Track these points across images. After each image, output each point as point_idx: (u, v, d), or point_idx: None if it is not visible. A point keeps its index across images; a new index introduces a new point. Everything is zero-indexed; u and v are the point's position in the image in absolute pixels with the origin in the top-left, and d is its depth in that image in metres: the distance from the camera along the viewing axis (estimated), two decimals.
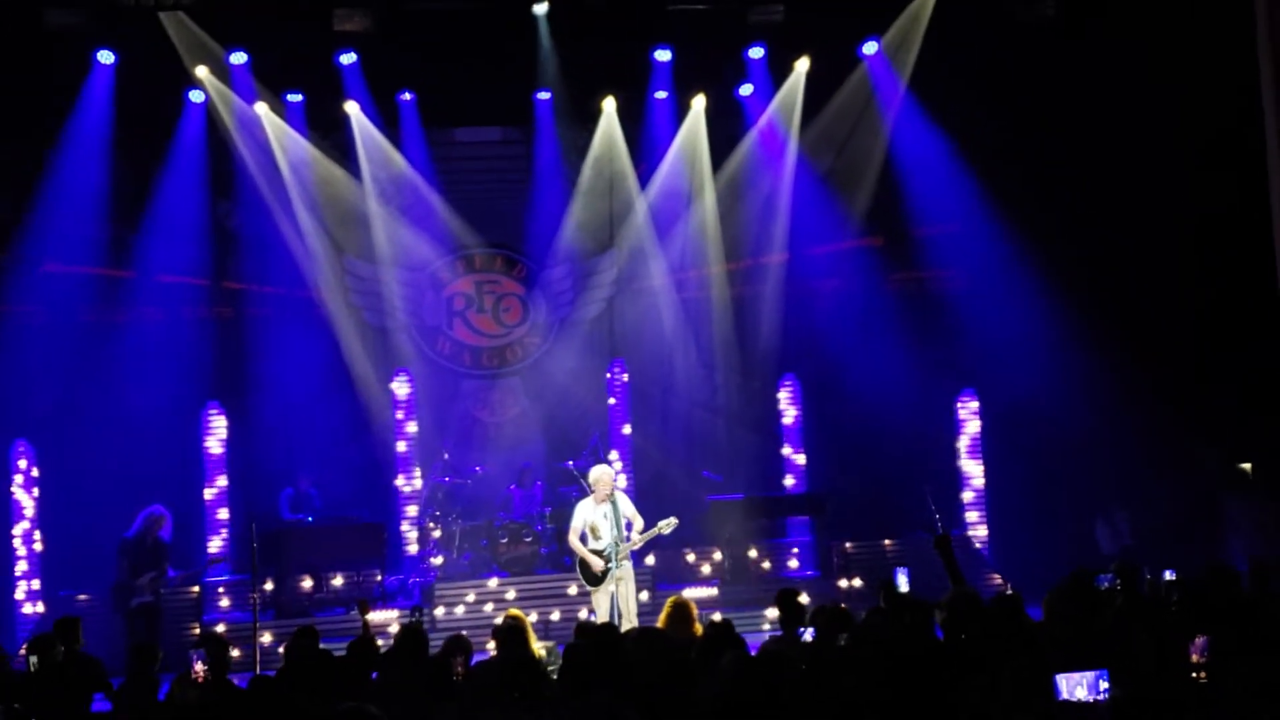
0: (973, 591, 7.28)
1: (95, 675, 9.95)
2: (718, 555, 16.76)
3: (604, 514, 12.69)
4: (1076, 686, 5.43)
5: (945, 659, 6.10)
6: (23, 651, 11.48)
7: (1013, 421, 17.50)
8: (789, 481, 18.36)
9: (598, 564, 12.57)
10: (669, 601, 9.84)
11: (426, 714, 7.21)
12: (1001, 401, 17.70)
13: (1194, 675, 6.75)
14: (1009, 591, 9.41)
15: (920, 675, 6.02)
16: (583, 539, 12.73)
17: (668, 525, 12.77)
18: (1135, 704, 4.50)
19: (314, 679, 7.76)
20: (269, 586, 15.55)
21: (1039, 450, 17.21)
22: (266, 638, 14.24)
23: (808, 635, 8.93)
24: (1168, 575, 9.85)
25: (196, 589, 15.81)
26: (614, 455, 17.71)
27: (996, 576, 16.45)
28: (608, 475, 12.95)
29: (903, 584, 10.30)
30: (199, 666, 8.67)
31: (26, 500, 16.33)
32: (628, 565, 12.70)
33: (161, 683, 9.71)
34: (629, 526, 12.81)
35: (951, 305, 17.71)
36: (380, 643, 9.81)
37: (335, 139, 17.47)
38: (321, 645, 9.01)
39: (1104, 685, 5.44)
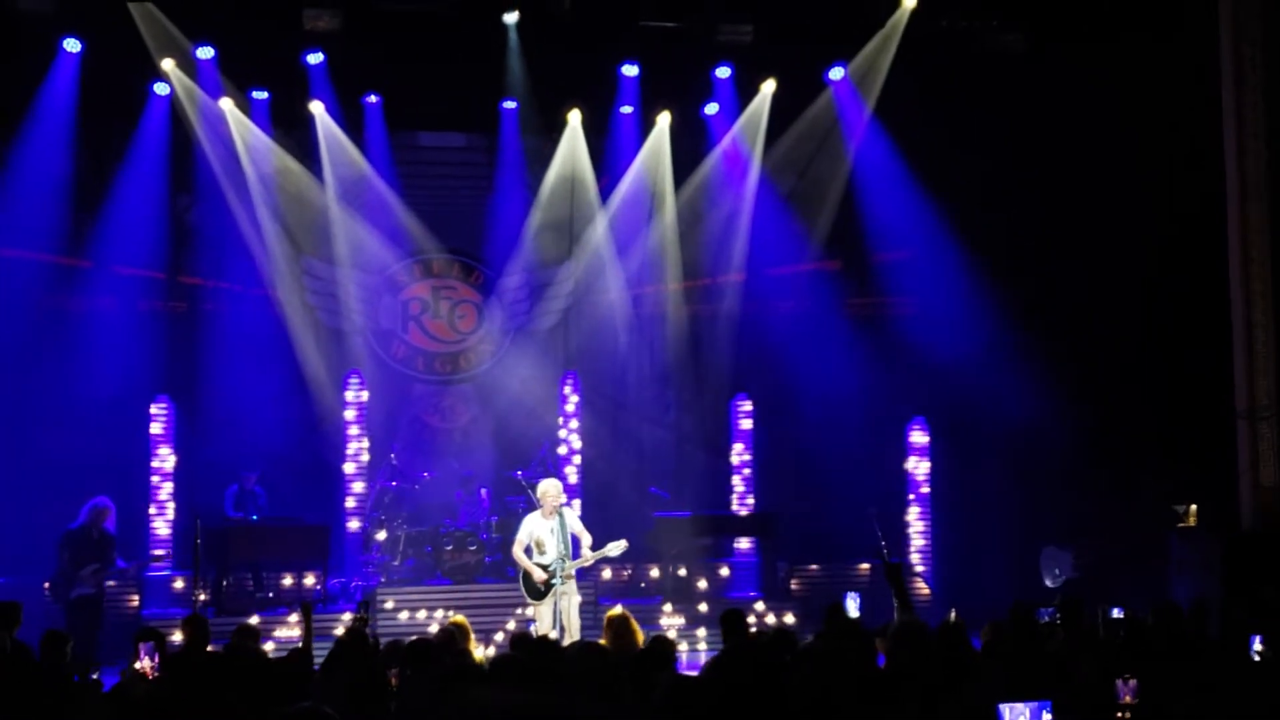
0: (919, 621, 7.32)
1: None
2: (660, 572, 16.75)
3: (550, 529, 12.65)
4: (1019, 716, 5.47)
5: (885, 686, 6.14)
6: None
7: (962, 450, 17.62)
8: (738, 501, 18.39)
9: (540, 576, 12.54)
10: (611, 614, 9.83)
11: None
12: (951, 429, 17.82)
13: (1120, 716, 6.81)
14: (953, 619, 9.43)
15: (859, 702, 6.05)
16: (527, 552, 12.69)
17: (616, 548, 12.75)
18: None
19: (253, 679, 7.72)
20: (206, 585, 15.43)
21: (988, 480, 17.33)
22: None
23: None
24: (1115, 613, 9.92)
25: (136, 583, 15.69)
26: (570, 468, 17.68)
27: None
28: (556, 489, 12.93)
29: (852, 609, 10.33)
30: (146, 661, 8.60)
31: None
32: (572, 581, 12.67)
33: (90, 672, 9.60)
34: (576, 542, 12.80)
35: (905, 332, 17.79)
36: (321, 645, 9.75)
37: (298, 138, 17.44)
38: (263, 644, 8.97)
39: (1047, 716, 5.49)
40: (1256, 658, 8.36)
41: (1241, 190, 14.92)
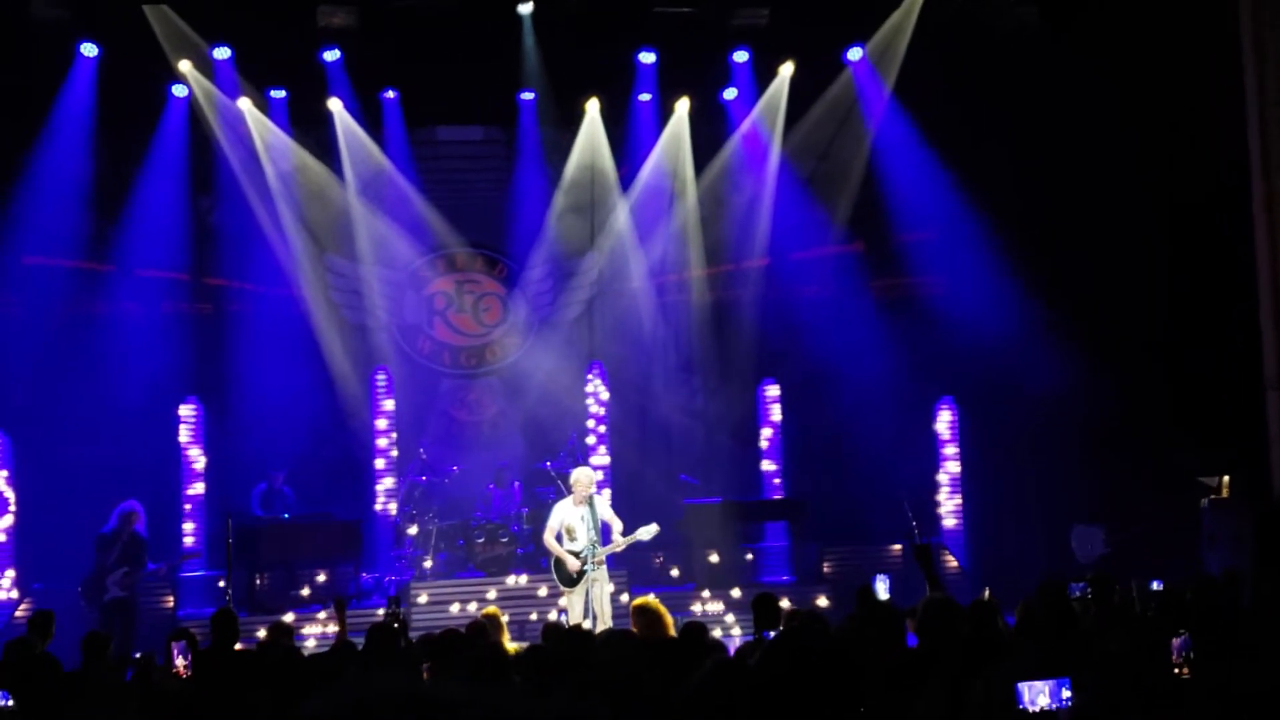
0: (949, 598, 7.27)
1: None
2: (693, 559, 16.75)
3: (581, 516, 12.69)
4: (1039, 694, 5.44)
5: (914, 666, 6.11)
6: None
7: (991, 429, 17.54)
8: (768, 487, 18.36)
9: (574, 564, 12.56)
10: (638, 603, 9.81)
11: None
12: (980, 408, 17.76)
13: (1175, 671, 6.80)
14: (986, 598, 9.39)
15: (889, 681, 6.02)
16: (558, 540, 12.72)
17: (648, 531, 12.78)
18: (1098, 713, 4.53)
19: (285, 675, 7.74)
20: (245, 582, 15.52)
21: (1018, 458, 17.23)
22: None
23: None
24: (1155, 585, 9.86)
25: (170, 584, 15.78)
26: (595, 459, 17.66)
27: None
28: (588, 477, 12.95)
29: (881, 591, 10.28)
30: (180, 661, 8.64)
31: (3, 492, 16.26)
32: (603, 568, 12.70)
33: (123, 672, 9.66)
34: (606, 530, 12.81)
35: (931, 312, 17.71)
36: (356, 640, 9.78)
37: (318, 136, 17.46)
38: (296, 642, 9.00)
39: (1066, 694, 5.46)
40: None
41: (1264, 160, 14.79)
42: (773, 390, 18.53)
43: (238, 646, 9.67)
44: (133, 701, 7.45)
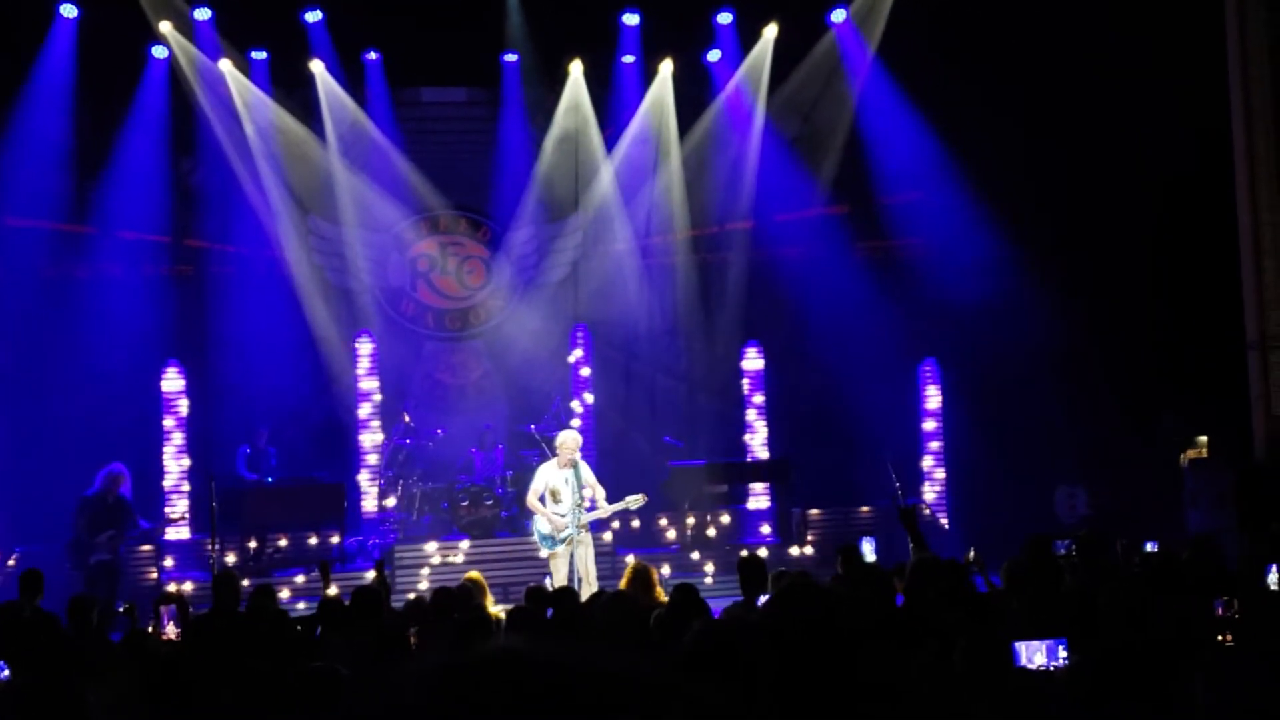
0: (936, 557, 7.31)
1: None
2: (678, 520, 16.79)
3: (565, 479, 12.70)
4: (1035, 653, 5.48)
5: (905, 625, 6.14)
6: None
7: (975, 390, 17.59)
8: (752, 448, 18.40)
9: (559, 523, 12.57)
10: (630, 566, 9.83)
11: (382, 675, 7.20)
12: (964, 370, 17.80)
13: (1220, 638, 6.82)
14: (971, 557, 9.45)
15: (877, 641, 6.04)
16: (542, 501, 12.72)
17: (635, 501, 12.83)
18: (1095, 670, 4.54)
19: (272, 637, 7.75)
20: (216, 547, 15.51)
21: (1001, 420, 17.29)
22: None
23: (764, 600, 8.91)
24: (1149, 546, 9.92)
25: (152, 547, 15.77)
26: (575, 421, 17.63)
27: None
28: (574, 440, 12.96)
29: (868, 553, 10.31)
30: (171, 626, 8.64)
31: None
32: (586, 532, 12.72)
33: (107, 633, 9.66)
34: (592, 494, 12.83)
35: (916, 273, 17.72)
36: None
37: (300, 97, 17.35)
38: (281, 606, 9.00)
39: (1063, 653, 5.49)
40: (1274, 587, 8.37)
41: (1247, 123, 14.83)
42: (756, 352, 18.51)
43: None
44: (122, 664, 7.46)
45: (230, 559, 15.58)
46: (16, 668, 7.53)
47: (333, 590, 10.22)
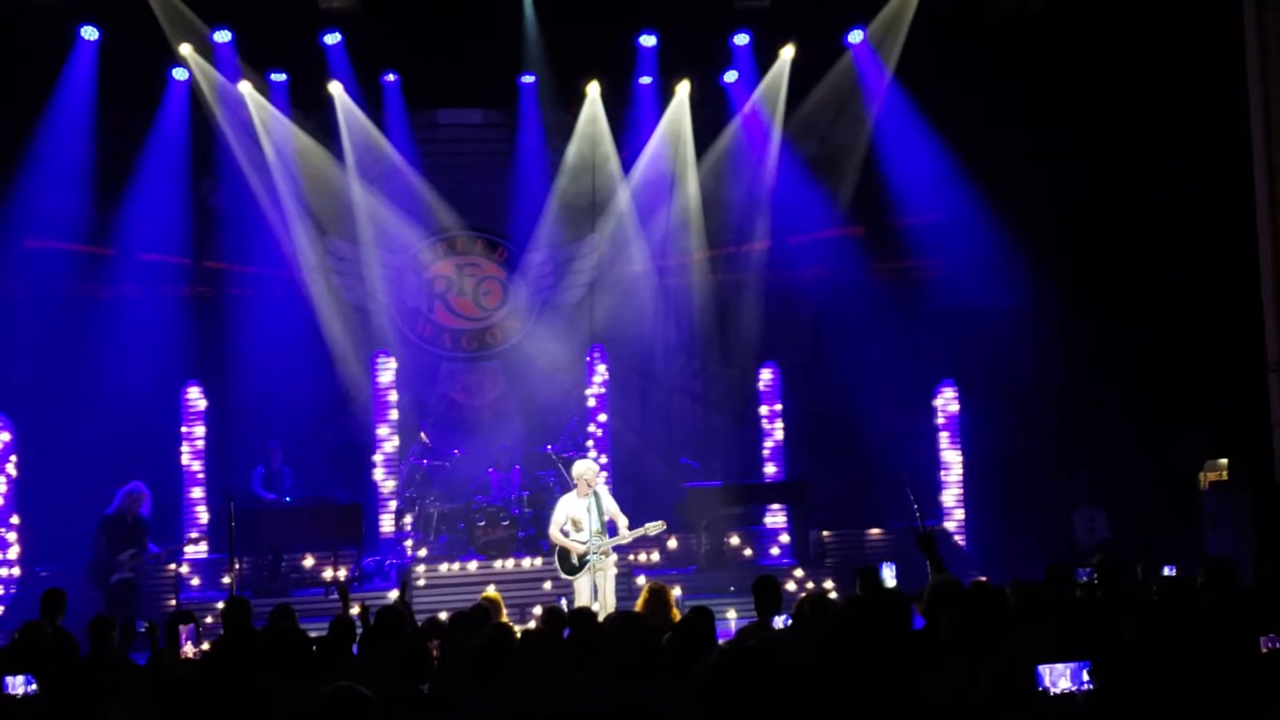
0: (956, 580, 7.30)
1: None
2: (694, 542, 16.78)
3: (586, 507, 12.72)
4: (1060, 677, 5.46)
5: (923, 648, 6.13)
6: None
7: (992, 412, 17.53)
8: (769, 470, 18.37)
9: (579, 549, 12.58)
10: (646, 587, 9.83)
11: (404, 694, 7.20)
12: (981, 392, 17.74)
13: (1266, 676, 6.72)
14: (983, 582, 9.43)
15: (897, 664, 6.03)
16: (564, 534, 12.75)
17: (655, 527, 12.84)
18: (1119, 696, 4.54)
19: (291, 658, 7.75)
20: (244, 565, 15.55)
21: (1018, 442, 17.25)
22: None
23: (779, 622, 8.90)
24: (1167, 570, 9.87)
25: (173, 566, 15.79)
26: (590, 446, 17.61)
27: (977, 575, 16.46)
28: (591, 470, 12.97)
29: (889, 578, 10.26)
30: (189, 646, 8.66)
31: (2, 474, 16.27)
32: (609, 558, 12.73)
33: (127, 652, 9.68)
34: (611, 524, 12.83)
35: (932, 295, 17.73)
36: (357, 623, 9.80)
37: (318, 119, 17.42)
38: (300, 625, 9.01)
39: (1086, 676, 5.47)
40: None
41: (1268, 142, 14.81)
42: (773, 373, 18.49)
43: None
44: (143, 685, 7.46)
45: (247, 578, 15.61)
46: (42, 683, 7.56)
47: (354, 610, 10.24)
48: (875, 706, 3.33)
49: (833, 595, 15.59)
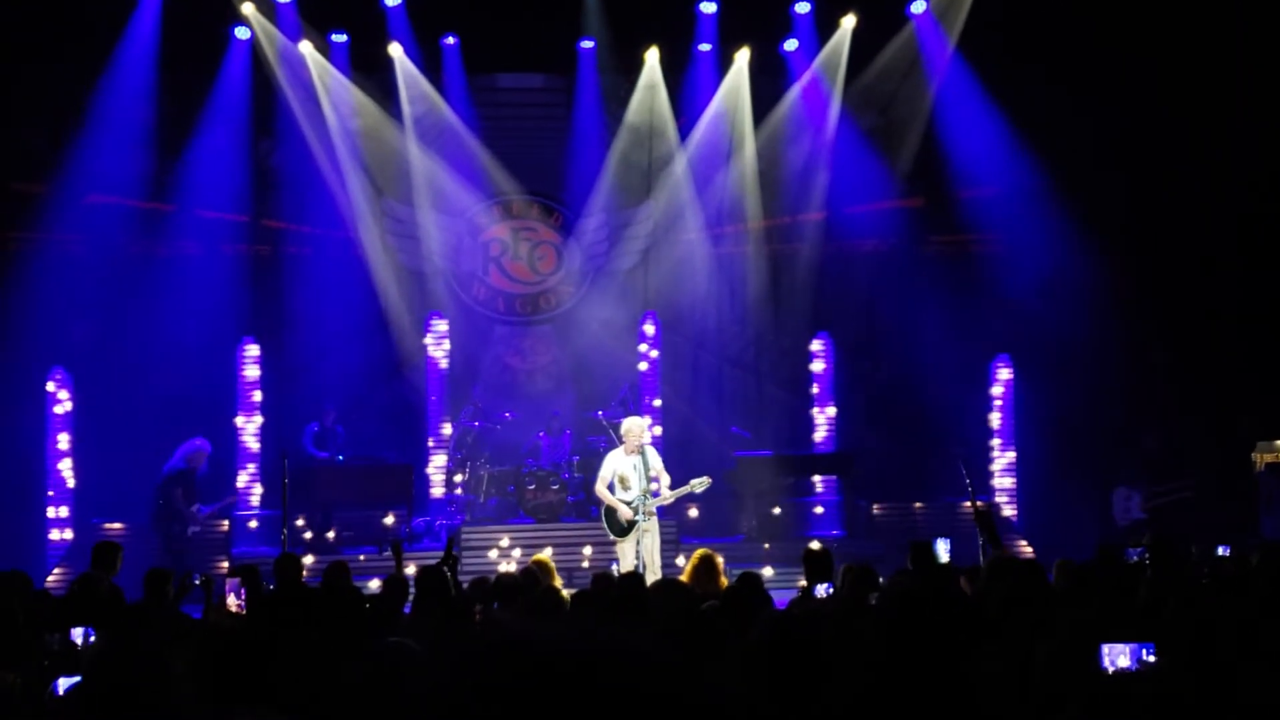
0: (1013, 557, 7.28)
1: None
2: (743, 510, 16.79)
3: (633, 465, 12.71)
4: (1119, 655, 5.43)
5: (976, 622, 6.12)
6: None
7: (1047, 389, 17.41)
8: (818, 439, 18.35)
9: (626, 513, 12.59)
10: (695, 554, 9.83)
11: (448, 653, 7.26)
12: (1036, 368, 17.63)
13: None
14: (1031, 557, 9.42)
15: (949, 638, 6.02)
16: (611, 489, 12.75)
17: (700, 484, 12.80)
18: (1180, 675, 4.51)
19: (347, 613, 7.82)
20: (299, 523, 15.69)
21: (1073, 418, 17.13)
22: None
23: (821, 590, 8.87)
24: (1221, 550, 9.79)
25: (226, 523, 15.95)
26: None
27: (1023, 543, 16.37)
28: (640, 427, 12.95)
29: (943, 553, 10.21)
30: (232, 600, 8.75)
31: (61, 426, 16.46)
32: (654, 519, 12.73)
33: (179, 607, 9.78)
34: (657, 482, 12.84)
35: (990, 269, 17.58)
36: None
37: (378, 81, 17.45)
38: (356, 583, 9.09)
39: (1150, 657, 5.44)
40: None
41: None
42: (826, 344, 18.43)
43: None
44: (194, 637, 7.55)
45: (308, 534, 15.79)
46: (101, 633, 7.65)
47: (410, 569, 10.31)
48: (941, 681, 3.33)
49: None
